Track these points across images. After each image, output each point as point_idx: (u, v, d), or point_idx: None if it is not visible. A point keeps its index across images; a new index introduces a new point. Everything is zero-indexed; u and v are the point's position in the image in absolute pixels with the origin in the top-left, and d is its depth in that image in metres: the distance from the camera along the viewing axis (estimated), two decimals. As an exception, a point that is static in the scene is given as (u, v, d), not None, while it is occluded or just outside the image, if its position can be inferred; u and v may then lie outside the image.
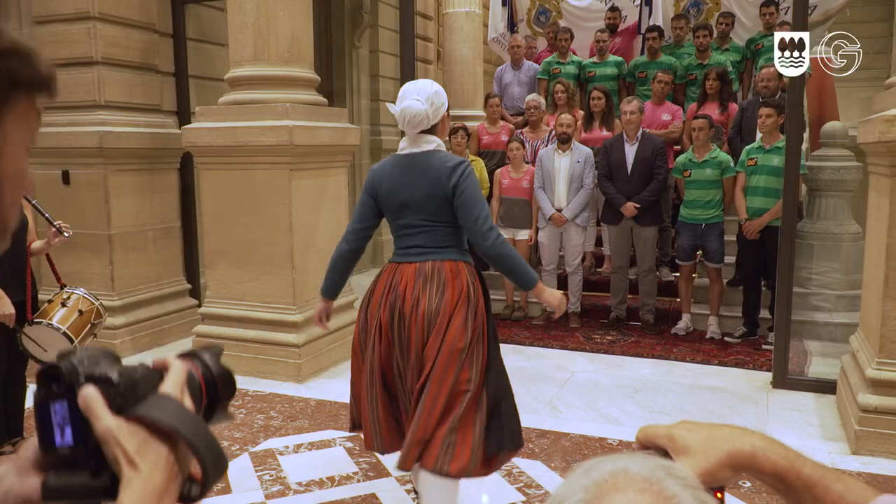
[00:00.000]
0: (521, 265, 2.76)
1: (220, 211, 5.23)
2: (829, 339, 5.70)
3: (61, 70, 5.56)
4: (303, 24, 5.16)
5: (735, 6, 8.00)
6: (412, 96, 2.67)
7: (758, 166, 5.58)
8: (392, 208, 2.77)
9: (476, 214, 2.64)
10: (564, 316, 6.45)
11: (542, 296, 2.85)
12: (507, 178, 6.45)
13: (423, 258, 2.72)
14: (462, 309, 2.67)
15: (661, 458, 0.75)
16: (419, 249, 2.74)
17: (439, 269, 2.69)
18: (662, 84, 6.70)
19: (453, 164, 2.66)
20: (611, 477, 0.67)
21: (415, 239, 2.74)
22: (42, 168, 5.78)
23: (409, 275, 2.70)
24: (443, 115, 2.74)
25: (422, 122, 2.66)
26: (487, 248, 2.65)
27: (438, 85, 2.77)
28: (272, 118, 4.91)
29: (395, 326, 2.70)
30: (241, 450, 3.92)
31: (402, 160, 2.75)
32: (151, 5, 5.99)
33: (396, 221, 2.79)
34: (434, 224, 2.71)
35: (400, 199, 2.73)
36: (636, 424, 4.21)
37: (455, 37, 9.11)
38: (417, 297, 2.66)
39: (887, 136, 3.61)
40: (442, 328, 2.64)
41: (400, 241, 2.80)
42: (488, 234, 2.64)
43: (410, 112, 2.63)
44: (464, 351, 2.65)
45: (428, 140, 2.72)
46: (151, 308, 5.99)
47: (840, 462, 3.73)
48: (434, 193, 2.66)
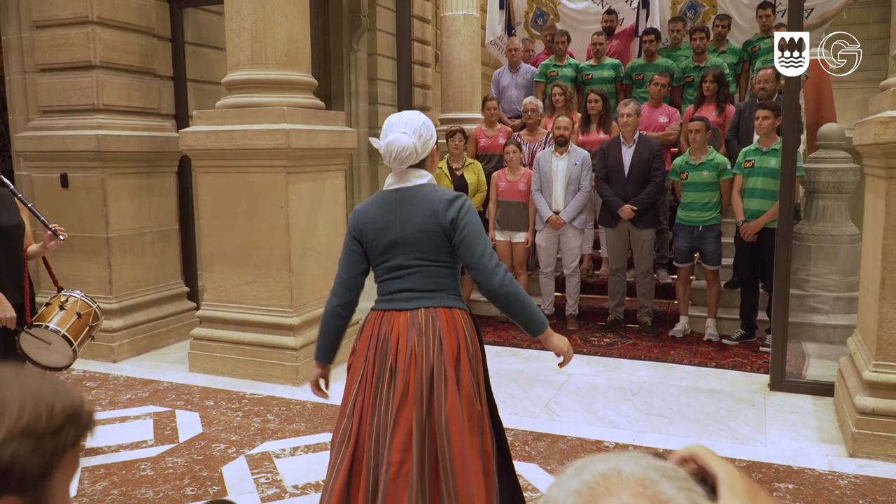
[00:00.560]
0: (530, 306, 2.45)
1: (217, 214, 5.24)
2: (827, 342, 5.70)
3: (60, 74, 5.62)
4: (300, 27, 5.17)
5: (731, 8, 8.02)
6: (398, 129, 2.41)
7: (755, 168, 5.59)
8: (379, 249, 2.49)
9: (481, 251, 2.38)
10: (562, 318, 6.53)
11: (550, 342, 2.53)
12: (503, 181, 6.46)
13: (414, 304, 2.44)
14: (465, 366, 2.42)
15: (652, 458, 0.72)
16: (409, 294, 2.45)
17: (434, 319, 2.42)
18: (659, 86, 6.71)
19: (450, 198, 2.42)
20: (603, 479, 0.65)
21: (404, 282, 2.46)
22: (40, 171, 5.80)
23: (400, 325, 2.41)
24: (432, 148, 2.50)
25: (409, 157, 2.40)
26: (496, 286, 2.37)
27: (426, 117, 2.52)
28: (269, 121, 4.92)
29: (383, 384, 2.40)
30: (237, 452, 3.92)
31: (391, 196, 2.48)
32: (150, 9, 6.00)
33: (384, 264, 2.50)
34: (427, 264, 2.45)
35: (389, 237, 2.45)
36: (633, 427, 4.23)
37: (453, 40, 9.12)
38: (412, 351, 2.37)
39: (882, 137, 3.62)
40: (450, 389, 2.37)
41: (386, 286, 2.50)
42: (496, 270, 2.38)
43: (397, 146, 2.38)
44: (480, 415, 2.43)
45: (418, 174, 2.47)
46: (149, 311, 6.00)
47: (837, 465, 3.73)
48: (429, 228, 2.40)
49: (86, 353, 4.49)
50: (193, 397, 4.83)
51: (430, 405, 2.36)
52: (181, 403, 4.72)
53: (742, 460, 3.78)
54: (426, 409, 2.35)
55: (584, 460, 0.69)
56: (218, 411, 4.57)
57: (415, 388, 2.36)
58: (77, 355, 3.67)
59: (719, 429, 4.23)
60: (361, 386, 2.45)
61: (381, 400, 2.40)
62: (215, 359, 5.28)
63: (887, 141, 3.61)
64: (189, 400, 4.78)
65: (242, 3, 4.97)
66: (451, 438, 2.34)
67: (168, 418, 4.45)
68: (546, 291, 6.54)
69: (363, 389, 2.44)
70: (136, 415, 4.52)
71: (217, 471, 3.71)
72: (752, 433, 4.16)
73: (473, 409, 2.40)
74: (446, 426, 2.34)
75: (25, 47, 5.88)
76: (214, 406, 4.66)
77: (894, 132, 3.58)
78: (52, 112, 5.78)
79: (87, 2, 5.51)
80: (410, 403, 2.35)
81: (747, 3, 7.90)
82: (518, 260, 6.50)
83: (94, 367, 5.47)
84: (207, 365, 5.30)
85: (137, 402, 4.77)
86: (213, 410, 4.59)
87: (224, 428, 4.29)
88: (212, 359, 5.30)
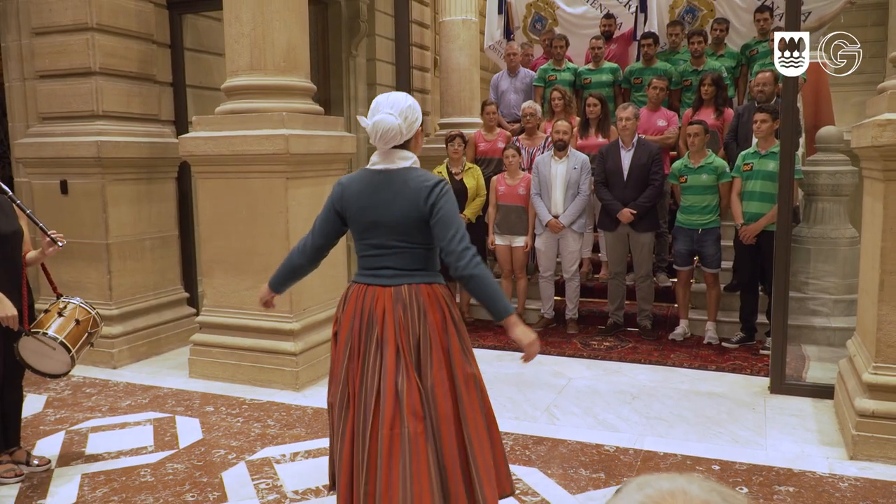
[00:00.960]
0: (495, 290, 2.55)
1: (217, 220, 5.24)
2: (827, 344, 5.70)
3: (59, 80, 5.63)
4: (299, 33, 5.18)
5: (729, 12, 8.03)
6: (385, 109, 2.53)
7: (753, 171, 5.60)
8: (361, 226, 2.62)
9: (453, 233, 2.49)
10: (562, 322, 6.53)
11: (513, 331, 2.58)
12: (503, 185, 6.46)
13: (397, 281, 2.58)
14: (452, 332, 2.59)
15: (714, 482, 0.72)
16: (391, 271, 2.59)
17: (417, 294, 2.56)
18: (657, 90, 6.72)
19: (432, 184, 2.53)
20: (669, 496, 0.66)
21: (386, 260, 2.59)
22: (40, 178, 5.81)
23: (385, 299, 2.56)
24: (416, 129, 2.60)
25: (395, 137, 2.53)
26: (461, 267, 2.48)
27: (413, 99, 2.63)
28: (269, 127, 4.92)
29: (371, 353, 2.55)
30: (237, 458, 3.92)
31: (375, 176, 2.60)
32: (149, 16, 6.02)
33: (365, 240, 2.63)
34: (407, 245, 2.58)
35: (371, 217, 2.58)
36: (634, 431, 4.23)
37: (452, 45, 9.14)
38: (399, 322, 2.52)
39: (880, 140, 3.62)
40: (435, 356, 2.54)
41: (368, 261, 2.64)
42: (464, 253, 2.48)
43: (383, 126, 2.50)
44: (475, 376, 2.61)
45: (402, 156, 2.58)
46: (149, 317, 6.00)
47: (838, 467, 3.73)
48: (411, 214, 2.52)
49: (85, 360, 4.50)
50: (193, 403, 4.83)
51: (420, 372, 2.53)
52: (181, 409, 4.71)
53: (742, 463, 3.78)
54: (417, 375, 2.51)
55: (646, 477, 0.70)
56: (218, 417, 4.57)
57: (406, 356, 2.51)
58: (75, 362, 3.66)
59: (719, 432, 4.23)
60: (351, 355, 2.60)
61: (370, 368, 2.54)
62: (215, 364, 5.28)
63: (884, 143, 3.62)
64: (189, 406, 4.78)
65: (241, 10, 4.98)
66: (436, 402, 2.51)
67: (168, 424, 4.45)
68: (546, 295, 6.54)
69: (353, 358, 2.59)
70: (136, 421, 4.52)
71: (217, 477, 3.71)
72: (753, 436, 4.15)
73: (468, 372, 2.58)
74: (432, 390, 2.51)
75: (25, 54, 5.90)
76: (214, 412, 4.66)
77: (891, 135, 3.59)
78: (52, 118, 5.79)
79: (87, 8, 5.52)
80: (402, 370, 2.50)
81: (745, 7, 7.91)
82: (518, 264, 6.50)
83: (93, 374, 5.48)
84: (207, 370, 5.30)
85: (137, 408, 4.77)
86: (213, 416, 4.58)
87: (224, 434, 4.29)
88: (212, 364, 5.30)
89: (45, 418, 4.57)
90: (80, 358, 3.72)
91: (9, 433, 3.78)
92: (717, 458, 3.86)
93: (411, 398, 2.48)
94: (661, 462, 3.81)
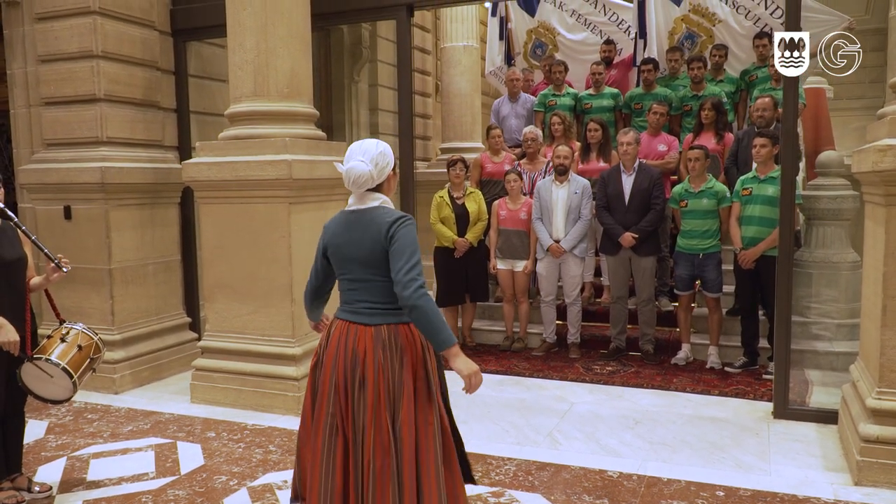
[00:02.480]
0: (437, 322, 2.60)
1: (219, 245, 5.26)
2: (830, 369, 5.68)
3: (64, 107, 5.68)
4: (302, 60, 5.23)
5: (728, 38, 8.10)
6: (357, 157, 2.71)
7: (753, 196, 5.62)
8: (339, 262, 2.82)
9: (403, 263, 2.60)
10: (564, 346, 6.52)
11: (454, 362, 2.62)
12: (504, 210, 6.49)
13: (377, 320, 2.72)
14: (421, 376, 2.73)
15: None
16: (367, 305, 2.74)
17: (395, 335, 2.71)
18: (658, 115, 6.77)
19: (393, 219, 2.68)
20: None
21: (362, 294, 2.76)
22: (44, 203, 5.83)
23: (367, 339, 2.71)
24: (388, 174, 2.78)
25: (366, 182, 2.71)
26: (406, 297, 2.57)
27: (385, 144, 2.80)
28: (271, 152, 4.96)
29: (355, 391, 2.70)
30: (238, 484, 3.90)
31: (350, 216, 2.79)
32: (154, 43, 6.08)
33: (344, 276, 2.82)
34: (377, 278, 2.71)
35: (345, 253, 2.77)
36: (637, 456, 4.20)
37: (453, 70, 9.22)
38: (379, 364, 2.67)
39: (880, 165, 3.64)
40: (405, 399, 2.68)
41: (347, 296, 2.82)
42: (410, 283, 2.57)
43: (355, 173, 2.68)
44: (437, 423, 2.75)
45: (373, 197, 2.76)
46: (151, 342, 5.99)
47: (843, 493, 3.70)
48: (376, 248, 2.68)
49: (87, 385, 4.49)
50: (195, 429, 4.81)
51: (394, 411, 2.68)
52: (183, 435, 4.70)
53: (746, 489, 3.75)
54: (389, 415, 2.67)
55: None
56: (220, 443, 4.55)
57: (385, 396, 2.67)
58: (77, 388, 3.66)
59: (723, 457, 4.21)
60: (337, 389, 2.73)
61: (354, 406, 2.70)
62: (217, 389, 5.27)
63: (885, 169, 3.63)
64: (191, 431, 4.76)
65: (245, 37, 5.04)
66: (402, 441, 2.66)
67: (170, 450, 4.43)
68: (548, 320, 6.54)
69: (339, 393, 2.73)
70: (138, 447, 4.50)
71: (219, 503, 3.69)
72: (757, 461, 4.13)
73: (429, 418, 2.72)
74: (400, 430, 2.66)
75: (30, 81, 5.95)
76: (216, 437, 4.64)
77: (892, 160, 3.61)
78: (57, 145, 5.83)
79: (93, 36, 5.59)
80: (382, 410, 2.65)
81: (744, 34, 7.98)
82: (520, 288, 6.50)
83: (95, 399, 5.46)
84: (209, 396, 5.29)
85: (139, 433, 4.75)
86: (214, 442, 4.57)
87: (226, 459, 4.27)
88: (213, 389, 5.28)
89: (47, 444, 4.56)
90: (83, 384, 3.72)
91: (10, 459, 3.76)
92: (721, 483, 3.83)
93: (381, 436, 2.64)
94: (664, 488, 3.79)
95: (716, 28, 8.24)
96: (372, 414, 2.65)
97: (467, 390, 2.65)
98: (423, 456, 2.69)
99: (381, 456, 2.63)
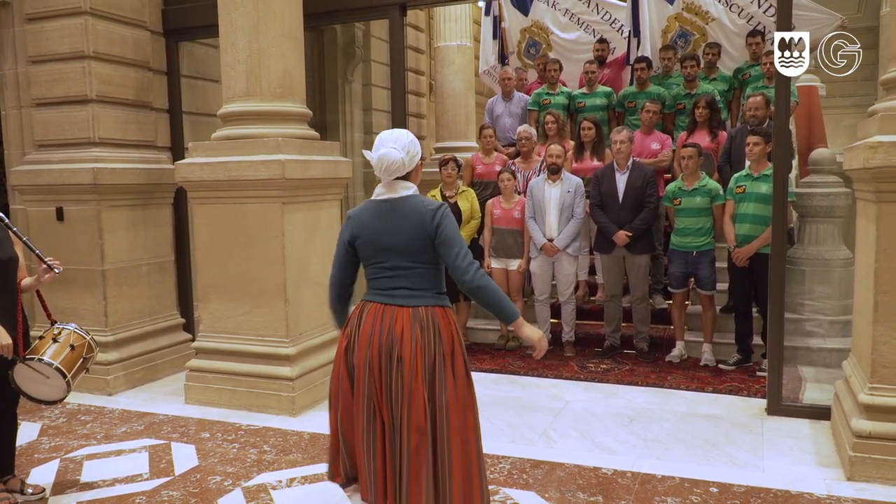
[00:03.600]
0: (501, 298, 2.80)
1: (213, 245, 5.25)
2: (823, 365, 5.70)
3: (56, 108, 5.66)
4: (295, 59, 5.22)
5: (721, 36, 8.11)
6: (389, 144, 2.76)
7: (746, 194, 5.63)
8: (372, 252, 2.83)
9: (457, 250, 2.73)
10: (559, 345, 6.52)
11: (521, 331, 2.87)
12: (498, 209, 6.49)
13: (414, 302, 2.78)
14: (459, 356, 2.80)
15: None
16: (407, 291, 2.79)
17: (433, 315, 2.78)
18: (651, 114, 6.78)
19: (434, 207, 2.77)
20: None
21: (400, 281, 2.80)
22: (36, 205, 5.81)
23: (404, 319, 2.75)
24: (417, 163, 2.83)
25: (398, 170, 2.75)
26: (468, 280, 2.72)
27: (413, 135, 2.87)
28: (264, 152, 4.95)
29: (392, 370, 2.72)
30: (233, 485, 3.90)
31: (381, 206, 2.82)
32: (146, 44, 6.07)
33: (378, 264, 2.84)
34: (418, 265, 2.79)
35: (383, 242, 2.80)
36: (631, 454, 4.21)
37: (447, 70, 9.23)
38: (417, 342, 2.71)
39: (871, 162, 3.65)
40: (448, 376, 2.74)
41: (382, 283, 2.84)
42: (469, 267, 2.72)
43: (388, 160, 2.72)
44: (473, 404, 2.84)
45: (404, 186, 2.81)
46: (145, 343, 5.98)
47: (835, 489, 3.71)
48: (418, 235, 2.75)
49: (81, 387, 4.49)
50: (189, 429, 4.80)
51: (433, 389, 2.72)
52: (177, 436, 4.69)
53: (740, 485, 3.76)
54: (430, 392, 2.72)
55: None
56: (214, 443, 4.54)
57: (422, 374, 2.70)
58: (71, 388, 3.65)
59: (717, 454, 4.22)
60: (371, 370, 2.75)
61: (389, 385, 2.73)
62: (211, 390, 5.26)
63: (876, 165, 3.64)
64: (185, 432, 4.75)
65: (238, 37, 5.03)
66: (449, 418, 2.72)
67: (164, 451, 4.42)
68: (542, 318, 6.54)
69: (373, 373, 2.75)
70: (132, 448, 4.49)
71: (213, 503, 3.68)
72: (750, 458, 4.14)
73: (468, 395, 2.81)
74: (446, 407, 2.72)
75: (21, 82, 5.93)
76: (210, 438, 4.64)
77: (883, 157, 3.62)
78: (48, 146, 5.82)
79: (84, 37, 5.57)
80: (419, 388, 2.69)
81: (737, 32, 7.99)
82: (514, 287, 6.51)
83: (89, 401, 5.45)
84: (203, 396, 5.28)
85: (133, 435, 4.74)
86: (208, 442, 4.56)
87: (220, 460, 4.26)
88: (207, 390, 5.27)
89: (40, 446, 4.54)
90: (76, 384, 3.71)
91: (3, 461, 3.75)
92: (714, 480, 3.84)
93: (417, 414, 2.68)
94: (658, 485, 3.80)
95: (709, 26, 8.25)
96: (407, 394, 2.69)
97: (536, 355, 2.91)
98: (470, 434, 2.77)
99: (417, 436, 2.68)
